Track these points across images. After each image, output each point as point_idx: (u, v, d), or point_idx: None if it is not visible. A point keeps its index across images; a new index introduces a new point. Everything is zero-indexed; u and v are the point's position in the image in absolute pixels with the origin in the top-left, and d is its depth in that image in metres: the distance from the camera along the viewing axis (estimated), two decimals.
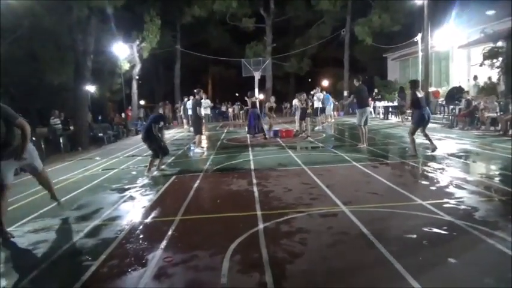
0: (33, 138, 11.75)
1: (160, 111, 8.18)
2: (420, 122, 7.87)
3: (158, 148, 7.76)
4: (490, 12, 16.76)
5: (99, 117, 20.65)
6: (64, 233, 4.41)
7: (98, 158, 10.80)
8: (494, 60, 14.39)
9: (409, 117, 17.55)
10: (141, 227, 4.46)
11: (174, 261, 3.42)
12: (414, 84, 8.12)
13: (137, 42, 21.09)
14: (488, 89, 14.37)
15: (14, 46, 14.57)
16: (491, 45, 14.54)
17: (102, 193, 6.36)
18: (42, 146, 11.93)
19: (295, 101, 14.70)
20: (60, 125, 13.97)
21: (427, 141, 8.29)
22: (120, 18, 18.85)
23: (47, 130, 13.91)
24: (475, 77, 15.45)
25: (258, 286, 2.86)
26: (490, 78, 14.77)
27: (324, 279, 2.96)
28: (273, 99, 14.83)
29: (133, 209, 5.26)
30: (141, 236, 4.14)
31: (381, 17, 23.21)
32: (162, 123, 7.86)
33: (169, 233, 4.12)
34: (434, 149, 8.06)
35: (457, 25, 18.43)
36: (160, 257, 3.49)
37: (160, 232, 4.15)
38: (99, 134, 15.17)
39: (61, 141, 13.07)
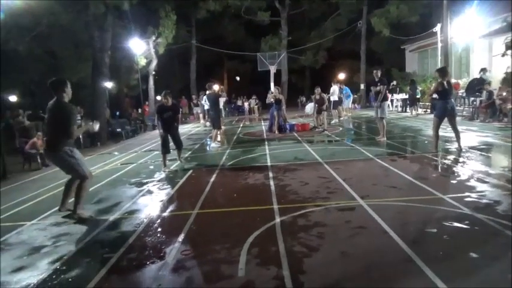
0: None
1: (160, 98, 7.96)
2: (443, 115, 7.39)
3: (161, 142, 7.71)
4: None
5: (117, 113, 20.93)
6: (85, 226, 4.49)
7: (116, 153, 10.97)
8: None
9: (427, 110, 17.26)
10: (159, 220, 4.52)
11: (192, 254, 3.45)
12: (443, 72, 7.50)
13: (153, 38, 21.24)
14: (508, 80, 13.90)
15: (33, 44, 14.87)
16: None
17: (121, 187, 6.46)
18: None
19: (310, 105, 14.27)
20: (80, 121, 14.22)
21: (455, 138, 7.65)
22: (136, 14, 19.01)
23: None
24: (484, 70, 14.85)
25: (276, 279, 2.86)
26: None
27: (341, 274, 2.94)
28: (275, 90, 13.42)
29: (152, 203, 5.33)
30: (159, 229, 4.19)
31: (398, 8, 22.73)
32: (167, 114, 7.55)
33: (187, 226, 4.16)
34: (460, 150, 7.44)
35: (478, 14, 17.88)
36: (178, 250, 3.53)
37: (178, 225, 4.19)
38: (117, 130, 15.41)
39: (80, 136, 13.30)
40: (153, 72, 22.81)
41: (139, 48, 19.41)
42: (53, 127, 4.60)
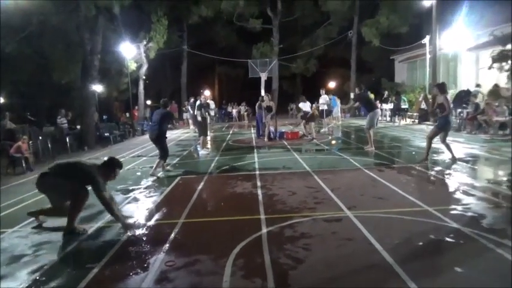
0: (40, 138, 11.89)
1: (168, 108, 7.86)
2: (444, 128, 7.53)
3: (165, 149, 7.71)
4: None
5: (106, 117, 20.73)
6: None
7: (103, 158, 10.81)
8: (503, 64, 14.22)
9: (415, 120, 17.47)
10: (144, 229, 4.45)
11: (177, 265, 3.40)
12: (443, 87, 7.74)
13: (144, 42, 21.15)
14: (494, 93, 14.15)
15: (23, 44, 14.67)
16: (501, 48, 14.36)
17: None
18: (49, 145, 12.01)
19: (301, 105, 14.35)
20: (66, 124, 14.03)
21: (448, 151, 7.76)
22: (128, 18, 18.92)
23: (54, 129, 13.99)
24: (478, 86, 15.14)
25: None
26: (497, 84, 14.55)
27: (326, 286, 2.92)
28: (266, 97, 13.20)
29: (137, 211, 5.26)
30: (144, 239, 4.13)
31: (388, 18, 23.07)
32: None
33: (172, 235, 4.11)
34: (454, 160, 7.58)
35: (465, 27, 18.26)
36: (163, 261, 3.48)
37: (164, 235, 4.14)
38: (106, 134, 15.22)
39: (67, 140, 13.13)
40: (143, 77, 22.68)
41: (130, 52, 19.31)
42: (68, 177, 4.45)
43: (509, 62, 13.99)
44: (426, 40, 18.81)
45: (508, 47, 14.16)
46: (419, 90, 20.00)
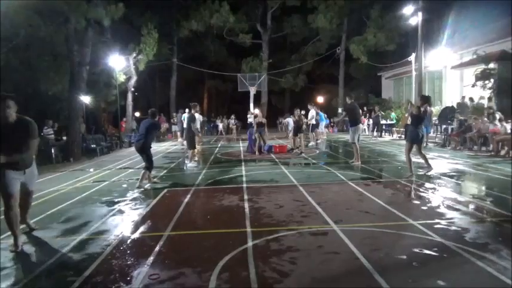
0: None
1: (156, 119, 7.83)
2: (412, 140, 7.80)
3: (150, 160, 7.66)
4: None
5: (93, 128, 20.51)
6: (49, 246, 4.31)
7: (89, 170, 10.69)
8: (486, 82, 14.61)
9: (402, 136, 17.72)
10: (128, 241, 4.38)
11: (161, 278, 3.35)
12: (424, 100, 8.07)
13: (134, 55, 21.15)
14: (478, 109, 14.49)
15: (10, 55, 14.53)
16: (483, 66, 14.77)
17: (91, 206, 6.27)
18: (34, 155, 11.80)
19: (289, 119, 14.57)
20: (52, 135, 13.85)
21: (423, 161, 8.10)
22: (118, 30, 18.94)
23: (39, 140, 13.77)
24: (471, 99, 15.53)
25: None
26: (481, 97, 14.89)
27: None
28: (256, 111, 13.68)
29: (122, 223, 5.18)
30: (128, 252, 4.06)
31: (375, 36, 23.60)
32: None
33: (157, 248, 4.06)
34: (429, 170, 7.91)
35: (450, 46, 18.79)
36: (147, 274, 3.42)
37: (148, 248, 4.08)
38: (92, 145, 15.04)
39: (53, 151, 12.94)
40: (132, 89, 22.60)
41: (119, 64, 19.27)
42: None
43: (492, 80, 14.40)
44: (412, 58, 19.25)
45: (491, 66, 14.59)
46: (406, 107, 20.38)
